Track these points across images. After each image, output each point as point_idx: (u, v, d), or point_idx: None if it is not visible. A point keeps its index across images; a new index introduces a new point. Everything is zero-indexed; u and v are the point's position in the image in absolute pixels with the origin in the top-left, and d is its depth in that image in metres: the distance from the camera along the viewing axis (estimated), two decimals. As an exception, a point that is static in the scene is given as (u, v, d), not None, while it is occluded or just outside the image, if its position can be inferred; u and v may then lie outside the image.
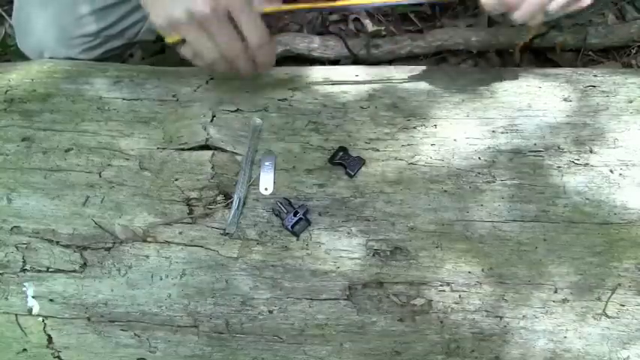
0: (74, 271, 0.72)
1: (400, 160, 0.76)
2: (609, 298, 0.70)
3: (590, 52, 1.24)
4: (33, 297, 0.71)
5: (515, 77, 0.83)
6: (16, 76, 0.86)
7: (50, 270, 0.72)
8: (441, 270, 0.71)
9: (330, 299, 0.70)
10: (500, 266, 0.71)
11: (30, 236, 0.73)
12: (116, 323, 0.70)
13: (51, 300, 0.71)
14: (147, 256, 0.72)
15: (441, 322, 0.70)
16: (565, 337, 0.69)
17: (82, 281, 0.71)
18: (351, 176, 0.75)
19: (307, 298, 0.71)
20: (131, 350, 0.71)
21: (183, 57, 0.67)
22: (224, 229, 0.73)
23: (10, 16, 1.38)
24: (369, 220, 0.73)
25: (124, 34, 0.98)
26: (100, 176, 0.76)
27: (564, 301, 0.70)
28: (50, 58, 0.93)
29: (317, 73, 0.86)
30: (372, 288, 0.71)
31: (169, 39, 0.66)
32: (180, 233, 0.73)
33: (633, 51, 1.24)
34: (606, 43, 1.22)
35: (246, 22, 0.64)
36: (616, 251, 0.72)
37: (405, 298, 0.70)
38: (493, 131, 0.78)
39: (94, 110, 0.81)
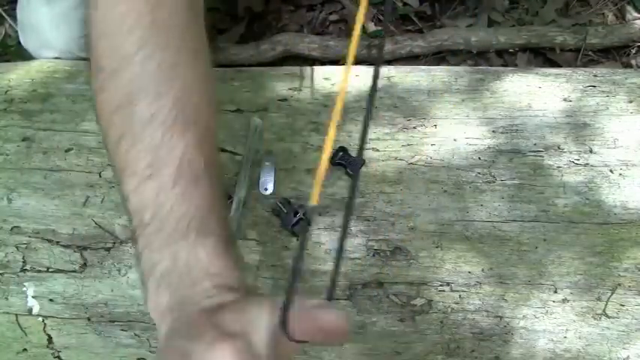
0: (74, 271, 0.72)
1: (400, 160, 0.76)
2: (609, 298, 0.70)
3: (590, 52, 1.24)
4: (33, 297, 0.71)
5: (515, 77, 0.83)
6: (16, 76, 0.86)
7: (50, 270, 0.72)
8: (441, 270, 0.71)
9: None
10: (500, 266, 0.71)
11: (30, 236, 0.73)
12: (116, 323, 0.70)
13: (51, 300, 0.71)
14: (147, 256, 0.72)
15: (441, 322, 0.70)
16: (565, 337, 0.69)
17: (82, 281, 0.71)
18: (351, 176, 0.75)
19: (307, 299, 0.70)
20: (131, 350, 0.71)
21: None
22: (224, 229, 0.73)
23: (9, 16, 1.37)
24: (369, 220, 0.73)
25: None
26: (100, 176, 0.76)
27: (564, 301, 0.70)
28: (56, 57, 0.93)
29: (317, 73, 0.86)
30: (372, 288, 0.71)
31: None
32: (181, 233, 0.72)
33: (633, 51, 1.23)
34: (606, 43, 1.22)
35: None
36: (616, 251, 0.72)
37: (405, 298, 0.70)
38: (493, 131, 0.78)
39: (94, 110, 0.81)
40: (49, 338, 0.71)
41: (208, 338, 0.32)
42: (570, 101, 0.80)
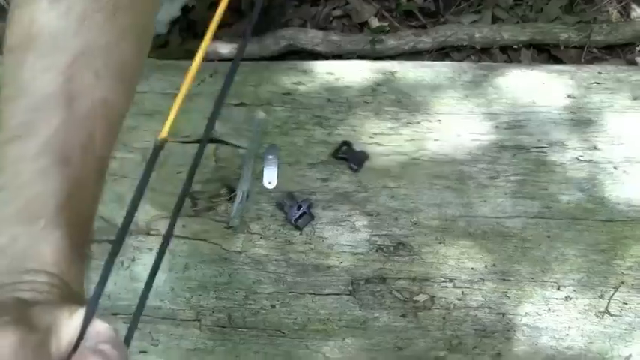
0: (77, 263, 0.72)
1: (404, 155, 0.76)
2: (612, 295, 0.70)
3: (594, 49, 1.24)
4: (35, 289, 0.71)
5: (519, 73, 0.83)
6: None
7: (53, 262, 0.72)
8: (444, 266, 0.71)
9: (333, 294, 0.70)
10: (504, 263, 0.71)
11: (33, 228, 0.73)
12: (119, 316, 0.70)
13: (53, 292, 0.71)
14: (150, 249, 0.71)
15: (444, 318, 0.70)
16: (567, 334, 0.69)
17: (85, 273, 0.71)
18: (354, 171, 0.75)
19: (310, 293, 0.70)
20: (133, 343, 0.70)
21: None
22: (227, 223, 0.73)
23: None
24: (372, 215, 0.73)
25: None
26: (103, 169, 0.76)
27: (567, 298, 0.70)
28: None
29: (321, 67, 0.85)
30: (374, 283, 0.71)
31: None
32: (184, 226, 0.72)
33: (637, 48, 1.23)
34: (610, 40, 1.22)
35: None
36: (619, 249, 0.71)
37: (407, 293, 0.70)
38: (497, 127, 0.78)
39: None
40: (52, 330, 0.71)
41: (2, 322, 0.29)
42: (574, 98, 0.80)
